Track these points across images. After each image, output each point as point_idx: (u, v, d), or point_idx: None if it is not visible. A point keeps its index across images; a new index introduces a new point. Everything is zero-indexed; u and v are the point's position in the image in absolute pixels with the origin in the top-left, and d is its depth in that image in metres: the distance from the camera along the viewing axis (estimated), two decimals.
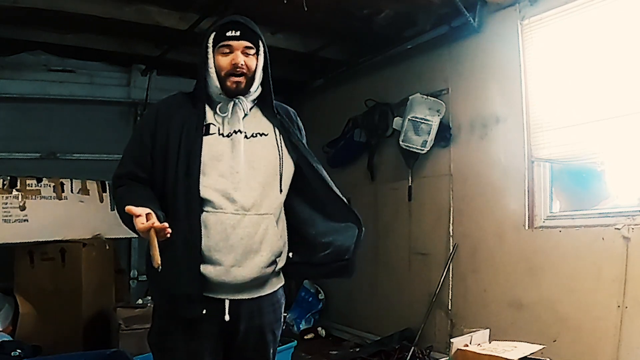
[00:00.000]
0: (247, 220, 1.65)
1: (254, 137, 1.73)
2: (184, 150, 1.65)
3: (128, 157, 1.74)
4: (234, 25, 1.71)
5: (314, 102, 5.28)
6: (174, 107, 1.75)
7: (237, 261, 1.65)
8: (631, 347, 2.75)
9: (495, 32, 3.59)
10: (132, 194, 1.64)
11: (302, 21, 3.73)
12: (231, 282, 1.65)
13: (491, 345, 2.45)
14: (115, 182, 1.73)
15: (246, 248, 1.65)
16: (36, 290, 3.70)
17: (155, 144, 1.69)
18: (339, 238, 1.77)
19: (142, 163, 1.70)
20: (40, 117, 4.76)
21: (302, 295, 5.14)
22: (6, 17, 3.70)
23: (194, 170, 1.64)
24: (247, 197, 1.66)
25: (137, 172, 1.70)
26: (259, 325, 1.75)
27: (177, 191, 1.64)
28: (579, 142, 3.11)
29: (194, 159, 1.64)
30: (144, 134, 1.72)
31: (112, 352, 3.10)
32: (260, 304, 1.74)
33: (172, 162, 1.65)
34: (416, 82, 4.16)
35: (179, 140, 1.66)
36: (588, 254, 2.98)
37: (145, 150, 1.70)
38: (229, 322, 1.67)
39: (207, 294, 1.65)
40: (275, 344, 1.84)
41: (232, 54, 1.69)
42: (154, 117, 1.73)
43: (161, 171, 1.68)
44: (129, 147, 1.77)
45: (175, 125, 1.69)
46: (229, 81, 1.69)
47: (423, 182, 4.17)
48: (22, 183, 3.80)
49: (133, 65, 5.04)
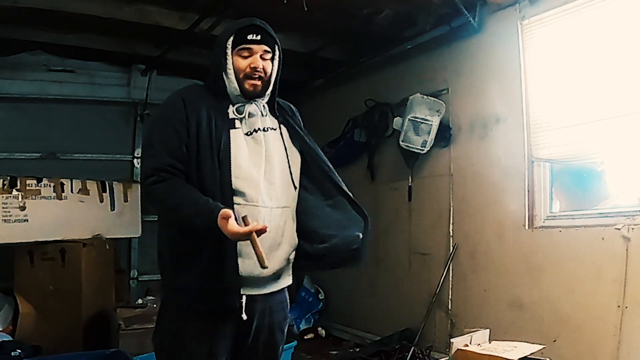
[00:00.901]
0: (274, 214, 1.69)
1: (265, 131, 1.75)
2: (216, 141, 1.65)
3: (161, 149, 1.64)
4: (255, 29, 1.72)
5: (314, 102, 5.28)
6: (199, 98, 1.73)
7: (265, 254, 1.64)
8: (631, 347, 2.75)
9: (495, 32, 3.59)
10: (188, 191, 1.60)
11: (302, 21, 3.73)
12: (259, 275, 1.66)
13: (491, 345, 2.45)
14: (152, 174, 1.62)
15: (273, 241, 1.68)
16: (36, 290, 3.70)
17: (189, 135, 1.65)
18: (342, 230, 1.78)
19: (178, 154, 1.63)
20: (40, 117, 4.76)
21: (302, 295, 5.15)
22: (6, 17, 3.70)
23: (226, 162, 1.64)
24: (272, 191, 1.70)
25: (175, 164, 1.63)
26: (270, 324, 1.77)
27: (212, 182, 1.63)
28: (579, 142, 3.11)
29: (226, 151, 1.65)
30: (176, 125, 1.66)
31: (112, 352, 3.10)
32: (272, 302, 1.77)
33: (205, 153, 1.64)
34: (416, 82, 4.16)
35: (210, 131, 1.66)
36: (588, 254, 2.98)
37: (180, 140, 1.64)
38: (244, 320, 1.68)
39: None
40: (283, 342, 1.86)
41: (251, 57, 1.71)
42: (182, 108, 1.68)
43: (194, 164, 1.65)
44: (160, 138, 1.67)
45: (205, 116, 1.68)
46: (246, 83, 1.71)
47: (423, 182, 4.17)
48: (22, 183, 3.80)
49: (133, 65, 5.04)
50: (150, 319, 3.26)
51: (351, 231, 1.78)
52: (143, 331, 3.20)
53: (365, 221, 1.81)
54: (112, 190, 4.21)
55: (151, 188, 1.63)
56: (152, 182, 1.62)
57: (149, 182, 1.62)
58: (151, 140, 1.70)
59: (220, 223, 1.50)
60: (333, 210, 1.83)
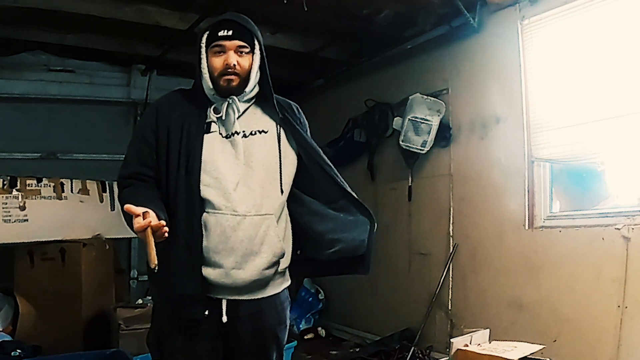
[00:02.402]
0: (247, 222, 1.63)
1: (252, 134, 1.70)
2: (185, 148, 1.63)
3: (132, 156, 1.70)
4: (227, 24, 1.67)
5: (314, 102, 5.27)
6: (173, 104, 1.73)
7: (237, 263, 1.62)
8: (631, 347, 2.75)
9: (495, 32, 3.59)
10: (136, 195, 1.60)
11: (302, 21, 3.73)
12: (231, 284, 1.63)
13: (491, 345, 2.45)
14: (121, 183, 1.70)
15: (246, 250, 1.62)
16: (36, 290, 3.69)
17: (158, 142, 1.66)
18: (348, 235, 1.74)
19: (147, 162, 1.67)
20: (40, 117, 4.76)
21: (302, 295, 5.15)
22: (6, 17, 3.70)
23: (194, 169, 1.62)
24: (246, 198, 1.64)
25: (143, 171, 1.66)
26: (260, 328, 1.72)
27: (178, 190, 1.62)
28: (579, 142, 3.10)
29: (195, 157, 1.62)
30: (146, 133, 1.69)
31: (112, 352, 3.10)
32: (261, 306, 1.71)
33: (173, 161, 1.63)
34: (416, 82, 4.16)
35: (180, 138, 1.64)
36: (588, 254, 2.97)
37: (149, 148, 1.67)
38: (227, 323, 1.65)
39: (206, 294, 1.64)
40: (280, 347, 1.80)
41: (224, 54, 1.66)
42: (154, 115, 1.70)
43: (164, 170, 1.65)
44: (132, 146, 1.73)
45: (176, 122, 1.66)
46: (221, 80, 1.66)
47: (423, 182, 4.17)
48: (22, 183, 3.80)
49: (133, 65, 5.04)
50: (149, 319, 3.26)
51: (357, 235, 1.74)
52: (143, 331, 3.18)
53: (371, 223, 1.77)
54: (112, 190, 4.21)
55: (120, 194, 1.68)
56: (121, 188, 1.68)
57: (119, 189, 1.70)
58: (127, 151, 1.74)
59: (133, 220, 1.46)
60: (338, 214, 1.77)
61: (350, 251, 1.74)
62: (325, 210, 1.77)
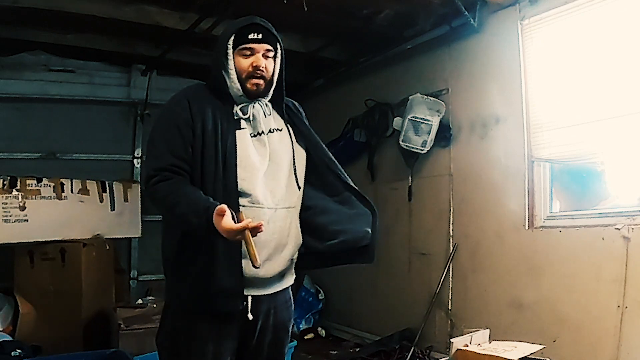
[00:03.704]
0: (278, 215, 1.69)
1: (271, 132, 1.75)
2: (222, 143, 1.64)
3: (164, 149, 1.63)
4: (256, 27, 1.70)
5: (314, 102, 5.27)
6: (203, 99, 1.71)
7: (269, 255, 1.67)
8: (631, 347, 2.75)
9: (495, 32, 3.59)
10: (188, 189, 1.58)
11: (302, 21, 3.73)
12: (263, 276, 1.67)
13: (491, 345, 2.45)
14: (155, 175, 1.61)
15: (277, 242, 1.69)
16: (36, 290, 3.70)
17: (194, 136, 1.64)
18: (352, 226, 1.78)
19: (182, 155, 1.62)
20: (40, 117, 4.76)
21: (302, 295, 5.15)
22: (6, 17, 3.70)
23: (231, 164, 1.64)
24: (277, 192, 1.70)
25: (179, 164, 1.61)
26: (274, 324, 1.77)
27: (216, 184, 1.62)
28: (579, 142, 3.11)
29: (232, 152, 1.64)
30: (181, 126, 1.64)
31: (112, 352, 3.09)
32: (277, 302, 1.77)
33: (210, 155, 1.63)
34: (416, 82, 4.16)
35: (215, 133, 1.65)
36: (588, 254, 2.97)
37: (185, 141, 1.63)
38: (251, 320, 1.68)
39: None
40: (288, 341, 1.87)
41: (253, 56, 1.70)
42: (187, 107, 1.67)
43: (199, 165, 1.64)
44: (164, 138, 1.66)
45: (210, 117, 1.67)
46: (249, 83, 1.70)
47: (423, 182, 4.17)
48: (22, 183, 3.80)
49: (133, 65, 5.04)
50: (150, 319, 3.26)
51: (360, 226, 1.78)
52: (143, 331, 3.20)
53: (373, 215, 1.82)
54: (112, 190, 4.22)
55: (153, 188, 1.60)
56: (155, 182, 1.60)
57: (152, 182, 1.60)
58: (154, 141, 1.69)
59: (216, 220, 1.46)
60: (341, 206, 1.82)
61: (355, 242, 1.79)
62: (329, 203, 1.82)
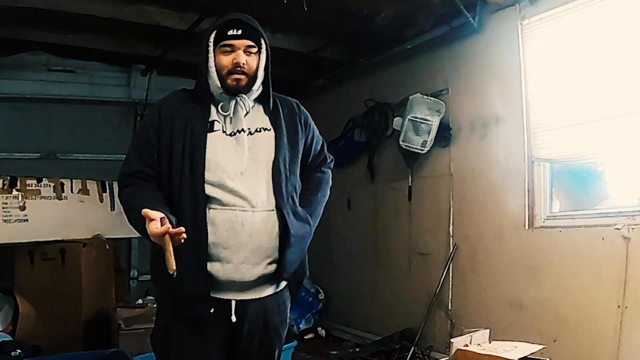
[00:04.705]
0: (257, 217, 1.66)
1: (257, 132, 1.74)
2: (189, 147, 1.65)
3: (133, 156, 1.71)
4: (236, 23, 1.69)
5: (314, 102, 5.26)
6: (176, 104, 1.74)
7: (246, 258, 1.65)
8: (631, 347, 2.75)
9: (495, 32, 3.59)
10: (143, 196, 1.61)
11: (302, 21, 3.73)
12: (240, 279, 1.65)
13: (491, 345, 2.45)
14: (122, 181, 1.70)
15: (255, 245, 1.65)
16: (36, 290, 3.70)
17: (160, 142, 1.68)
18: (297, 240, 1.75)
19: (148, 161, 1.68)
20: (40, 117, 4.77)
21: (302, 295, 5.14)
22: (6, 17, 3.70)
23: (198, 167, 1.63)
24: (255, 194, 1.67)
25: (145, 170, 1.67)
26: (265, 327, 1.74)
27: (183, 189, 1.63)
28: (579, 142, 3.11)
29: (199, 156, 1.64)
30: (148, 133, 1.70)
31: (112, 352, 3.09)
32: (267, 305, 1.74)
33: (177, 160, 1.65)
34: (416, 82, 4.16)
35: (184, 138, 1.66)
36: (588, 254, 2.97)
37: (151, 148, 1.68)
38: (235, 323, 1.67)
39: (214, 295, 1.64)
40: (280, 345, 1.83)
41: (233, 53, 1.69)
42: (157, 115, 1.72)
43: (167, 169, 1.67)
44: (134, 146, 1.74)
45: (179, 122, 1.68)
46: (229, 79, 1.69)
47: (423, 182, 4.17)
48: (22, 183, 3.80)
49: (133, 65, 5.04)
50: (150, 319, 3.24)
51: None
52: (143, 331, 3.20)
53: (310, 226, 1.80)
54: (112, 190, 4.21)
55: (120, 193, 1.69)
56: (121, 187, 1.68)
57: (120, 187, 1.69)
58: (128, 150, 1.75)
59: (147, 225, 1.47)
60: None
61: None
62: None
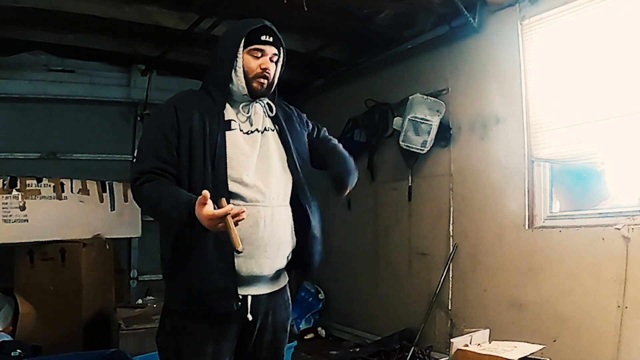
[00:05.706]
0: (276, 212, 1.71)
1: (266, 130, 1.78)
2: (210, 145, 1.66)
3: (149, 154, 1.67)
4: (267, 30, 1.75)
5: (314, 102, 5.28)
6: (192, 103, 1.74)
7: (267, 252, 1.68)
8: (631, 347, 2.75)
9: (495, 32, 3.59)
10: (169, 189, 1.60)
11: (302, 21, 3.73)
12: (260, 274, 1.69)
13: (491, 345, 2.45)
14: (139, 178, 1.65)
15: (276, 239, 1.70)
16: (36, 290, 3.70)
17: (180, 141, 1.67)
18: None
19: (166, 158, 1.65)
20: (40, 117, 4.76)
21: (302, 295, 5.15)
22: (6, 17, 3.70)
23: (221, 164, 1.65)
24: (273, 190, 1.71)
25: (163, 167, 1.65)
26: (274, 324, 1.78)
27: (205, 186, 1.62)
28: (579, 142, 3.11)
29: (221, 153, 1.66)
30: (166, 130, 1.68)
31: (112, 352, 3.09)
32: (276, 301, 1.78)
33: (198, 158, 1.65)
34: (416, 82, 4.16)
35: (203, 137, 1.67)
36: (588, 254, 2.97)
37: (170, 146, 1.66)
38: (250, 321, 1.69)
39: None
40: (286, 341, 1.87)
41: (262, 58, 1.74)
42: (173, 114, 1.70)
43: (186, 167, 1.66)
44: (149, 144, 1.70)
45: (197, 122, 1.68)
46: (255, 82, 1.74)
47: (423, 182, 4.17)
48: (22, 183, 3.80)
49: (133, 65, 5.04)
50: (150, 319, 3.26)
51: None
52: (143, 331, 3.20)
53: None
54: (112, 190, 4.21)
55: (138, 189, 1.65)
56: (139, 184, 1.64)
57: (137, 184, 1.65)
58: (140, 146, 1.75)
59: (198, 210, 1.47)
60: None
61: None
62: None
